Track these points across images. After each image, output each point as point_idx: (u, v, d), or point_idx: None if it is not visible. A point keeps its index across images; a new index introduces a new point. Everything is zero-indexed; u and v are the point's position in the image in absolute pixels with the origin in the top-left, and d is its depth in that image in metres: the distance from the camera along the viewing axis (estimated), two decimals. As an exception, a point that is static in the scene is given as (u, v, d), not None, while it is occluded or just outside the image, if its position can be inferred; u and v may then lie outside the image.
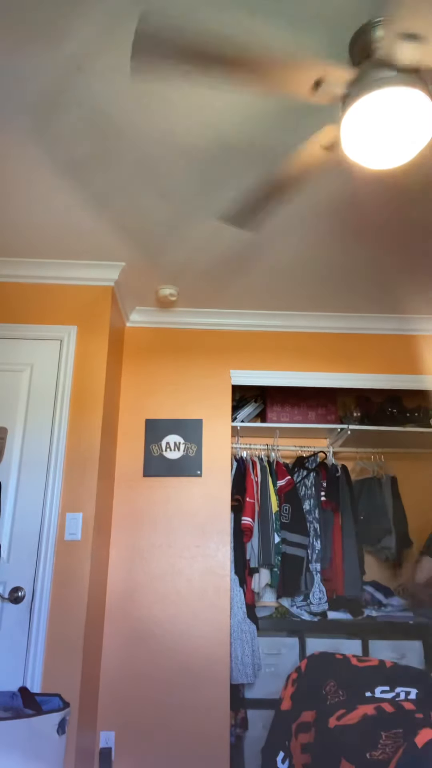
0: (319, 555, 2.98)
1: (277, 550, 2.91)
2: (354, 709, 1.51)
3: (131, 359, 3.11)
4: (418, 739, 1.22)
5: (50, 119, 1.80)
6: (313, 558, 2.97)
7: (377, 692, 1.65)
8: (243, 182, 2.03)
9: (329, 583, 2.98)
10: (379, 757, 1.24)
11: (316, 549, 2.99)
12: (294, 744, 1.76)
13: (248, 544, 2.87)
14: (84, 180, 2.08)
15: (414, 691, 1.64)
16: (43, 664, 2.14)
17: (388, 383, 3.14)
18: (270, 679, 2.67)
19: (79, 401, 2.51)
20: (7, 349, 2.56)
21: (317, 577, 2.95)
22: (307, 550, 2.95)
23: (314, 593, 2.92)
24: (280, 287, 2.90)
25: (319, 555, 2.98)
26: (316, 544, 3.00)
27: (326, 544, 3.03)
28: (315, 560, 2.97)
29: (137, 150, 1.91)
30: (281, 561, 2.91)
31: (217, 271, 2.74)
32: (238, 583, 2.82)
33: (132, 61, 1.24)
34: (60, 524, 2.32)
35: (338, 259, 2.60)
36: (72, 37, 1.50)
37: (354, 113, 1.35)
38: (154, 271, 2.76)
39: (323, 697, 1.70)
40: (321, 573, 2.97)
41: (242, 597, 2.76)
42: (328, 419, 3.30)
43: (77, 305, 2.68)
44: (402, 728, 1.30)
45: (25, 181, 2.10)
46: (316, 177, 1.62)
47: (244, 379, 3.13)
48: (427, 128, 1.37)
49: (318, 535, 3.03)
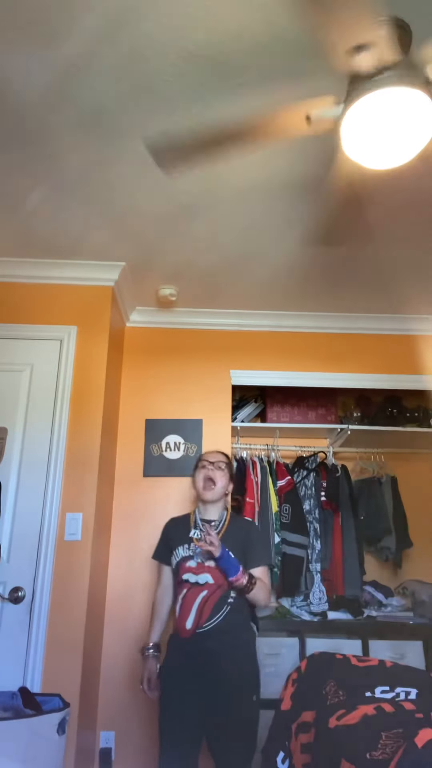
0: (319, 555, 2.98)
1: (277, 550, 2.91)
2: (354, 709, 1.51)
3: (131, 359, 3.10)
4: (418, 739, 1.22)
5: (50, 119, 1.80)
6: (313, 558, 2.97)
7: (377, 692, 1.65)
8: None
9: (329, 583, 2.98)
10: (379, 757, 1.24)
11: (316, 549, 2.99)
12: (294, 744, 1.76)
13: (248, 544, 2.87)
14: (84, 180, 2.08)
15: (414, 691, 1.64)
16: (43, 664, 2.14)
17: (388, 383, 3.14)
18: (270, 679, 2.66)
19: (79, 401, 2.51)
20: (7, 349, 2.56)
21: (317, 577, 2.95)
22: (307, 550, 2.95)
23: (314, 593, 2.92)
24: (280, 287, 2.90)
25: (319, 555, 2.98)
26: (316, 544, 3.00)
27: (326, 544, 3.02)
28: (315, 560, 2.97)
29: (137, 150, 1.91)
30: (281, 561, 2.91)
31: (217, 271, 2.74)
32: (238, 583, 2.82)
33: (161, 169, 1.63)
34: (60, 524, 2.32)
35: (338, 259, 2.60)
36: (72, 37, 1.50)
37: (353, 114, 1.35)
38: (154, 271, 2.76)
39: (323, 697, 1.70)
40: (321, 573, 2.97)
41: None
42: (328, 419, 3.29)
43: (77, 305, 2.68)
44: (402, 728, 1.30)
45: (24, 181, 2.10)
46: (309, 173, 1.70)
47: (244, 379, 3.13)
48: (427, 128, 1.37)
49: (318, 535, 3.02)
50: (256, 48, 1.52)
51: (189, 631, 1.88)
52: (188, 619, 1.89)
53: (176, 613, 1.96)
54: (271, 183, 2.07)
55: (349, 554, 2.98)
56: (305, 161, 1.92)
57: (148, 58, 1.55)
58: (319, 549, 2.99)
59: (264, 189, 2.10)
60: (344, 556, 2.98)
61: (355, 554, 2.99)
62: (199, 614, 1.89)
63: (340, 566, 2.97)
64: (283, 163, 1.95)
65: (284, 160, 1.94)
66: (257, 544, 2.07)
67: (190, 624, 1.89)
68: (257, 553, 2.03)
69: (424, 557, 3.27)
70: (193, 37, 1.49)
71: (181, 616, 1.92)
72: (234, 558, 1.89)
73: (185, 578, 1.95)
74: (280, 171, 2.00)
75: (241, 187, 2.09)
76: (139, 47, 1.52)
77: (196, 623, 1.88)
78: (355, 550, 3.00)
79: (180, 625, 1.92)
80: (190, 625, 1.89)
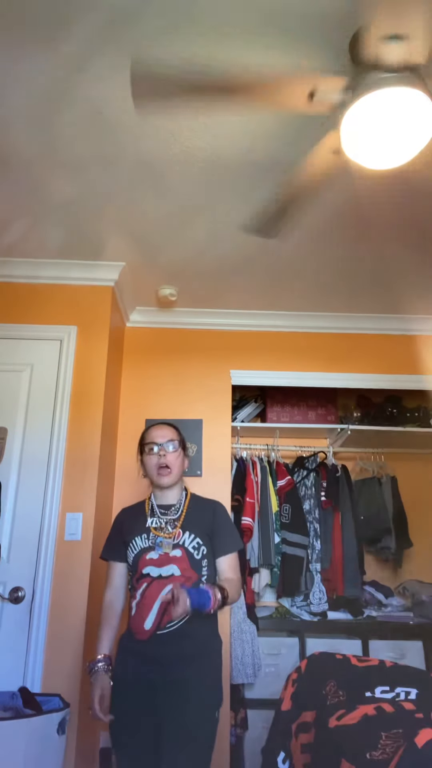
0: (319, 555, 2.98)
1: (277, 550, 2.91)
2: (354, 709, 1.51)
3: (131, 359, 3.10)
4: (418, 739, 1.22)
5: (50, 119, 1.79)
6: (313, 558, 2.97)
7: (377, 692, 1.65)
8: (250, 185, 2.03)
9: (329, 583, 2.98)
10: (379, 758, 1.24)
11: (316, 549, 2.99)
12: (294, 744, 1.76)
13: (248, 544, 2.87)
14: (84, 180, 2.08)
15: (414, 691, 1.64)
16: (43, 664, 2.14)
17: (388, 383, 3.14)
18: (270, 679, 2.67)
19: (79, 401, 2.51)
20: (7, 349, 2.56)
21: (317, 577, 2.95)
22: (307, 550, 2.95)
23: (314, 593, 2.92)
24: (280, 287, 2.90)
25: (319, 555, 2.98)
26: (316, 544, 3.00)
27: (326, 544, 3.02)
28: (315, 560, 2.97)
29: (137, 150, 1.91)
30: (281, 561, 2.91)
31: (217, 271, 2.74)
32: (238, 583, 2.82)
33: (134, 101, 1.36)
34: (60, 524, 2.32)
35: (338, 259, 2.60)
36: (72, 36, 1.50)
37: (353, 114, 1.35)
38: (154, 271, 2.76)
39: (323, 697, 1.70)
40: (321, 573, 2.97)
41: (242, 597, 2.76)
42: (328, 419, 3.29)
43: (77, 305, 2.68)
44: (402, 728, 1.30)
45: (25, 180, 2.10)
46: (327, 181, 1.66)
47: (244, 379, 3.13)
48: (427, 128, 1.37)
49: (318, 535, 3.02)
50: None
51: (147, 632, 1.62)
52: (148, 617, 1.62)
53: (131, 612, 1.69)
54: (248, 164, 2.01)
55: (349, 554, 2.98)
56: (291, 145, 1.87)
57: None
58: (319, 549, 2.99)
59: (241, 172, 2.04)
60: (344, 556, 2.98)
61: (355, 554, 2.99)
62: (161, 612, 1.62)
63: (340, 566, 2.97)
64: (265, 145, 1.92)
65: (270, 143, 1.91)
66: (224, 528, 1.80)
67: (150, 624, 1.62)
68: (225, 539, 1.77)
69: (424, 557, 3.27)
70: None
71: (138, 615, 1.65)
72: (198, 588, 1.60)
73: (146, 572, 1.68)
74: (262, 152, 1.98)
75: (216, 166, 2.02)
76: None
77: (157, 623, 1.62)
78: (355, 550, 3.00)
79: (136, 625, 1.65)
80: (150, 625, 1.62)
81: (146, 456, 1.83)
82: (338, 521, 3.07)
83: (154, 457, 1.80)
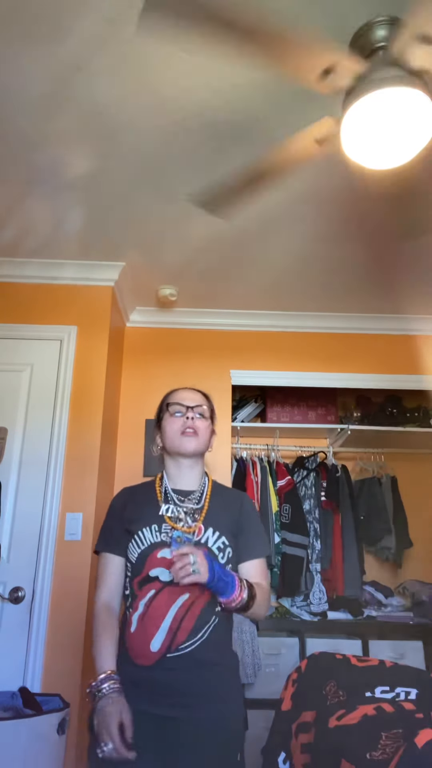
0: (319, 555, 2.98)
1: (277, 550, 2.91)
2: (354, 709, 1.51)
3: (131, 359, 3.10)
4: (418, 739, 1.22)
5: (50, 118, 1.79)
6: (313, 558, 2.97)
7: (377, 692, 1.65)
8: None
9: (329, 583, 2.98)
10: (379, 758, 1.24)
11: (316, 549, 2.99)
12: (294, 744, 1.76)
13: (248, 544, 2.87)
14: (84, 180, 2.08)
15: (414, 691, 1.64)
16: (43, 664, 2.14)
17: (388, 383, 3.14)
18: (270, 679, 2.67)
19: (79, 401, 2.51)
20: (7, 349, 2.56)
21: (317, 577, 2.95)
22: (307, 550, 2.95)
23: (314, 593, 2.92)
24: (280, 287, 2.90)
25: (319, 555, 2.98)
26: (316, 544, 3.00)
27: (326, 544, 3.02)
28: (315, 560, 2.97)
29: (138, 150, 1.91)
30: (281, 561, 2.91)
31: (217, 271, 2.74)
32: (238, 583, 2.81)
33: (143, 14, 1.15)
34: (60, 524, 2.32)
35: (338, 259, 2.60)
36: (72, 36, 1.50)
37: (354, 113, 1.35)
38: (154, 271, 2.76)
39: (323, 697, 1.70)
40: (321, 573, 2.97)
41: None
42: (328, 419, 3.29)
43: (77, 305, 2.68)
44: (402, 728, 1.30)
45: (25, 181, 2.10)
46: (310, 173, 1.65)
47: (244, 379, 3.12)
48: (427, 128, 1.37)
49: (318, 535, 3.02)
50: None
51: (155, 655, 1.23)
52: (155, 636, 1.24)
53: (131, 628, 1.28)
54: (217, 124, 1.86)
55: (349, 554, 2.98)
56: (275, 118, 1.80)
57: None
58: (319, 549, 2.99)
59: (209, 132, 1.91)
60: (344, 556, 2.98)
61: (355, 554, 2.99)
62: (173, 629, 1.24)
63: (340, 566, 2.97)
64: (243, 106, 1.78)
65: (266, 129, 1.84)
66: (254, 527, 1.44)
67: (158, 645, 1.23)
68: (255, 540, 1.42)
69: (424, 557, 3.27)
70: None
71: (142, 632, 1.26)
72: (223, 569, 1.24)
73: (154, 575, 1.29)
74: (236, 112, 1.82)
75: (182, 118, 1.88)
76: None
77: (168, 643, 1.24)
78: (355, 550, 3.00)
79: (138, 646, 1.26)
80: (158, 646, 1.23)
81: (167, 420, 1.44)
82: (338, 521, 3.07)
83: (178, 421, 1.42)
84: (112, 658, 1.27)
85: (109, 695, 1.19)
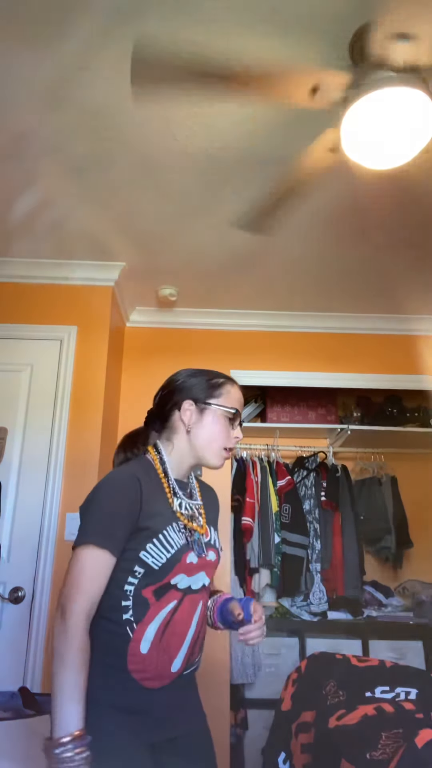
0: (319, 555, 2.98)
1: (277, 550, 2.91)
2: (354, 709, 1.51)
3: (131, 359, 3.10)
4: (418, 739, 1.22)
5: (50, 118, 1.79)
6: (313, 558, 2.97)
7: (377, 692, 1.65)
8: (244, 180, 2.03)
9: (329, 583, 2.98)
10: (379, 758, 1.24)
11: (316, 549, 2.99)
12: (294, 744, 1.76)
13: (248, 545, 2.87)
14: (84, 180, 2.08)
15: (414, 691, 1.64)
16: (43, 664, 2.13)
17: (388, 383, 3.14)
18: (270, 679, 2.67)
19: (79, 401, 2.51)
20: (7, 349, 2.56)
21: (317, 577, 2.95)
22: (307, 550, 2.95)
23: (314, 593, 2.92)
24: (280, 287, 2.90)
25: (319, 555, 2.98)
26: (316, 544, 3.00)
27: (326, 544, 3.03)
28: (315, 560, 2.97)
29: (138, 150, 1.91)
30: (281, 561, 2.91)
31: (217, 271, 2.74)
32: (238, 584, 2.82)
33: (132, 86, 1.31)
34: (60, 524, 2.32)
35: (338, 259, 2.60)
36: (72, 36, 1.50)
37: (354, 114, 1.35)
38: (154, 271, 2.76)
39: (323, 697, 1.70)
40: (321, 573, 2.97)
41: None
42: (328, 419, 3.29)
43: (77, 305, 2.68)
44: (402, 728, 1.30)
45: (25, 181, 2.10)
46: (322, 179, 1.65)
47: (244, 379, 3.10)
48: (427, 128, 1.37)
49: (318, 535, 3.02)
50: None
51: (174, 675, 1.09)
52: (179, 653, 1.09)
53: (140, 647, 1.06)
54: (243, 159, 1.98)
55: (349, 554, 2.99)
56: (287, 141, 1.84)
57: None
58: (319, 549, 3.00)
59: (235, 166, 2.01)
60: (344, 556, 2.98)
61: (355, 554, 2.99)
62: (194, 643, 1.13)
63: (340, 566, 2.97)
64: (263, 140, 1.89)
65: (267, 137, 1.88)
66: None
67: (179, 664, 1.09)
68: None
69: (424, 557, 3.27)
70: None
71: (164, 650, 1.07)
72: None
73: (175, 583, 1.10)
74: (257, 147, 1.98)
75: (207, 158, 1.99)
76: None
77: (188, 659, 1.12)
78: (355, 550, 3.00)
79: (155, 668, 1.06)
80: (179, 665, 1.09)
81: (214, 418, 1.25)
82: (338, 521, 3.07)
83: (226, 429, 1.25)
84: (82, 709, 0.94)
85: (77, 764, 0.88)
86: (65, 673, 0.95)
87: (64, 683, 0.94)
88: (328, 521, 3.08)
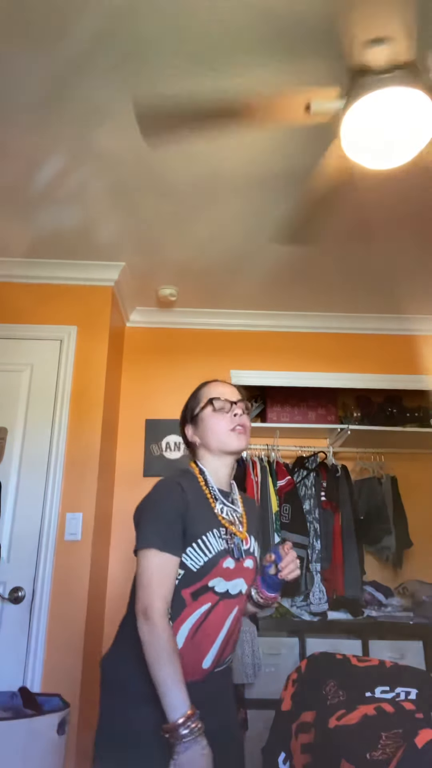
0: (319, 555, 2.98)
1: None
2: (354, 709, 1.51)
3: (131, 359, 3.10)
4: (419, 739, 1.22)
5: (51, 119, 1.79)
6: (313, 558, 2.97)
7: (377, 692, 1.65)
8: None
9: (329, 583, 2.98)
10: (379, 758, 1.24)
11: (316, 549, 2.99)
12: (294, 744, 1.76)
13: (248, 544, 2.86)
14: (84, 180, 2.08)
15: (414, 691, 1.63)
16: (43, 664, 2.14)
17: (388, 383, 3.14)
18: (270, 679, 2.67)
19: (79, 401, 2.51)
20: (7, 349, 2.56)
21: (317, 577, 2.95)
22: (307, 550, 2.95)
23: (314, 593, 2.92)
24: (280, 287, 2.90)
25: (319, 555, 2.98)
26: (316, 544, 3.00)
27: (326, 544, 3.02)
28: (315, 560, 2.97)
29: (137, 148, 1.91)
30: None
31: (217, 271, 2.74)
32: (238, 583, 2.81)
33: (143, 137, 1.54)
34: (60, 524, 2.32)
35: (338, 259, 2.60)
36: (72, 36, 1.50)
37: (353, 115, 1.35)
38: (154, 271, 2.76)
39: (323, 697, 1.70)
40: (321, 573, 2.97)
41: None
42: (328, 419, 3.29)
43: (77, 305, 2.68)
44: (402, 728, 1.30)
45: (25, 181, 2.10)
46: (327, 183, 1.68)
47: (244, 379, 3.12)
48: (427, 128, 1.37)
49: (318, 535, 3.02)
50: (268, 22, 1.41)
51: (205, 671, 1.18)
52: (209, 652, 1.18)
53: (177, 642, 1.13)
54: (270, 178, 2.06)
55: (349, 554, 2.98)
56: (304, 155, 1.89)
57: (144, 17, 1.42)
58: (319, 549, 2.99)
59: (264, 186, 2.10)
60: (344, 556, 2.98)
61: (355, 554, 2.99)
62: (225, 644, 1.21)
63: (340, 566, 2.97)
64: (281, 158, 1.94)
65: (285, 155, 1.93)
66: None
67: (210, 661, 1.18)
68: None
69: (424, 557, 3.27)
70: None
71: (195, 648, 1.16)
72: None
73: (213, 586, 1.18)
74: (278, 165, 1.99)
75: (240, 184, 2.08)
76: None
77: (218, 658, 1.20)
78: (355, 550, 3.00)
79: (187, 663, 1.13)
80: (210, 662, 1.18)
81: (211, 416, 1.34)
82: (338, 521, 3.07)
83: (225, 417, 1.32)
84: (186, 691, 1.05)
85: (192, 742, 1.00)
86: (164, 668, 1.06)
87: (167, 677, 1.06)
88: (328, 521, 3.08)
